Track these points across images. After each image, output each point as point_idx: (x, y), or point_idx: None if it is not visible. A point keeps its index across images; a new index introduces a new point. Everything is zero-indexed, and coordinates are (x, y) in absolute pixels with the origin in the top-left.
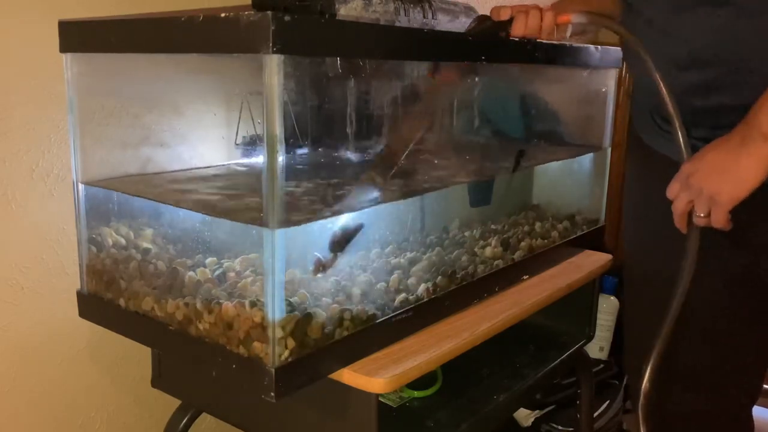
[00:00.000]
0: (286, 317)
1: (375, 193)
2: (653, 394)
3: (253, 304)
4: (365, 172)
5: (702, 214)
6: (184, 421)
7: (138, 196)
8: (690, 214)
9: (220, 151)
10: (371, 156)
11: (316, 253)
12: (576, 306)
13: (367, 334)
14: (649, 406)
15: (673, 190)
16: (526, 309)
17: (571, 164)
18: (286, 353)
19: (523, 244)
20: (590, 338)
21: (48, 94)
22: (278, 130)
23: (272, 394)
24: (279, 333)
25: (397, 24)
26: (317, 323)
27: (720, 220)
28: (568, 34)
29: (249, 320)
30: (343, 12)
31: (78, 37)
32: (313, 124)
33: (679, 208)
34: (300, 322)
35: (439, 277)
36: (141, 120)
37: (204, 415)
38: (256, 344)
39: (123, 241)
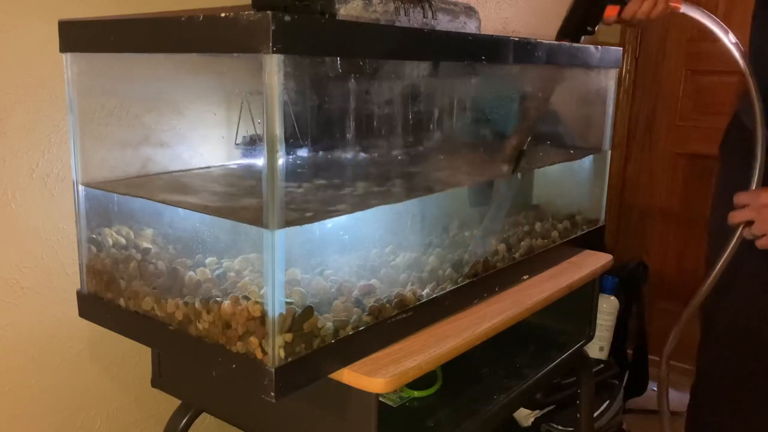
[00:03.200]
0: (286, 317)
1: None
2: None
3: (253, 304)
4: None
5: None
6: (184, 421)
7: (138, 197)
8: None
9: (220, 151)
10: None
11: None
12: (576, 306)
13: (367, 334)
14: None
15: (741, 200)
16: (526, 309)
17: (571, 165)
18: (286, 353)
19: (523, 243)
20: (590, 338)
21: (48, 94)
22: (278, 130)
23: (272, 394)
24: (279, 333)
25: (397, 24)
26: (317, 323)
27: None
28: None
29: (249, 320)
30: (343, 12)
31: (78, 37)
32: (313, 124)
33: (738, 219)
34: (300, 322)
35: (440, 277)
36: (141, 120)
37: (204, 415)
38: (256, 344)
39: (123, 241)
